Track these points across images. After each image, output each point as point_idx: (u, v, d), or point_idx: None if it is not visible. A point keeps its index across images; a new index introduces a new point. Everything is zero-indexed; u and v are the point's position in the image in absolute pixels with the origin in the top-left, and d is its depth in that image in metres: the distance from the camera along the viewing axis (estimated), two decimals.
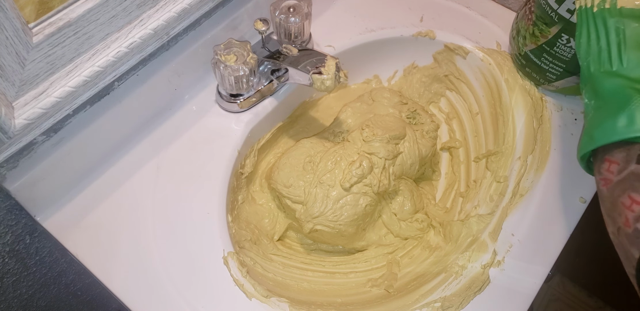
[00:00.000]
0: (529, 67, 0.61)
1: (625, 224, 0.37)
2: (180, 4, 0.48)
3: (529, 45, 0.58)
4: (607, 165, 0.40)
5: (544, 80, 0.60)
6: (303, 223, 0.57)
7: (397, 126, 0.61)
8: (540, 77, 0.60)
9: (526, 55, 0.60)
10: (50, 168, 0.49)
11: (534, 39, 0.57)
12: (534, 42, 0.57)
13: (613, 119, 0.39)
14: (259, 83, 0.58)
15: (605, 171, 0.40)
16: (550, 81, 0.60)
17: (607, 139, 0.39)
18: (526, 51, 0.59)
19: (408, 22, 0.68)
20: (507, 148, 0.60)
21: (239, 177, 0.59)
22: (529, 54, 0.59)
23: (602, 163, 0.41)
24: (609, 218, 0.40)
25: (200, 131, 0.57)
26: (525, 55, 0.60)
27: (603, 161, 0.41)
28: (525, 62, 0.61)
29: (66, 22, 0.40)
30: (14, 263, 0.59)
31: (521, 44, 0.60)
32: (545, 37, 0.55)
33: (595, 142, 0.41)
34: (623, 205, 0.37)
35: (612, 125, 0.39)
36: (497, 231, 0.54)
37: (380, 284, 0.55)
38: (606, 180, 0.40)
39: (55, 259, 0.65)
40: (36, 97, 0.42)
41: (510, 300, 0.51)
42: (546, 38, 0.55)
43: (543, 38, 0.56)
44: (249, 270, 0.51)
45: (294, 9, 0.56)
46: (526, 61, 0.60)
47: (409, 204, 0.61)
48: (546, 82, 0.61)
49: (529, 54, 0.59)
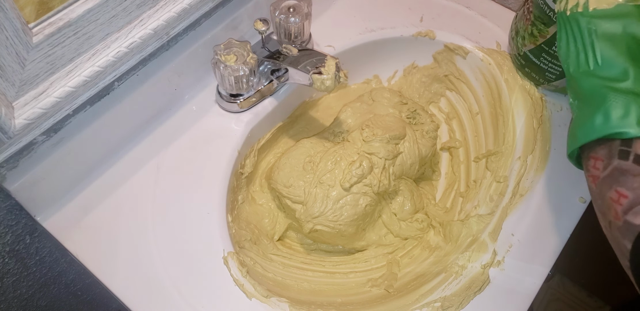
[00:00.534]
0: (528, 67, 0.61)
1: (615, 217, 0.38)
2: (180, 4, 0.48)
3: (527, 45, 0.58)
4: (593, 162, 0.42)
5: (543, 80, 0.60)
6: (303, 223, 0.57)
7: (397, 126, 0.61)
8: (540, 77, 0.60)
9: (525, 55, 0.60)
10: (50, 168, 0.49)
11: (533, 39, 0.57)
12: (533, 42, 0.57)
13: (591, 117, 0.41)
14: (259, 83, 0.58)
15: (592, 168, 0.42)
16: (549, 81, 0.60)
17: (588, 137, 0.41)
18: (525, 51, 0.59)
19: (408, 22, 0.68)
20: (507, 148, 0.60)
21: (239, 177, 0.59)
22: (528, 54, 0.59)
23: (588, 160, 0.42)
24: (601, 213, 0.41)
25: (200, 131, 0.57)
26: (525, 55, 0.60)
27: (589, 159, 0.42)
28: (525, 62, 0.61)
29: (66, 22, 0.40)
30: (14, 263, 0.59)
31: (520, 44, 0.60)
32: (544, 37, 0.55)
33: (578, 141, 0.42)
34: (611, 200, 0.38)
35: (591, 124, 0.41)
36: (497, 231, 0.54)
37: (380, 284, 0.55)
38: (594, 177, 0.41)
39: (55, 259, 0.65)
40: (36, 97, 0.42)
41: (510, 300, 0.51)
42: (545, 38, 0.55)
43: (542, 38, 0.56)
44: (249, 270, 0.51)
45: (294, 9, 0.56)
46: (525, 61, 0.60)
47: (409, 204, 0.61)
48: (546, 82, 0.61)
49: (528, 54, 0.59)
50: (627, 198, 0.37)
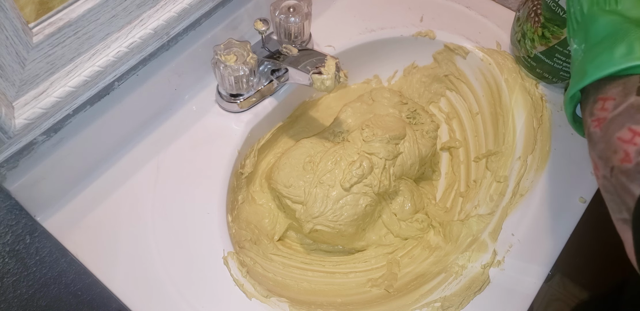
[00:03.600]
0: (540, 68, 0.61)
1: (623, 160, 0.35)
2: (180, 4, 0.48)
3: (538, 47, 0.58)
4: (601, 104, 0.38)
5: (557, 79, 0.61)
6: (303, 223, 0.57)
7: (397, 126, 0.61)
8: (553, 77, 0.60)
9: (536, 57, 0.60)
10: (50, 168, 0.49)
11: (545, 41, 0.57)
12: (545, 43, 0.57)
13: (610, 51, 0.38)
14: (259, 83, 0.58)
15: (599, 110, 0.38)
16: (564, 79, 0.60)
17: (602, 71, 0.38)
18: (536, 53, 0.59)
19: (408, 22, 0.68)
20: (507, 148, 0.60)
21: (239, 177, 0.59)
22: (539, 56, 0.59)
23: (594, 103, 0.39)
24: (601, 160, 0.38)
25: (200, 131, 0.57)
26: (536, 57, 0.60)
27: (595, 101, 0.39)
28: (536, 63, 0.60)
29: (66, 22, 0.40)
30: (14, 263, 0.59)
31: (529, 46, 0.60)
32: (557, 38, 0.55)
33: (589, 77, 0.39)
34: (621, 140, 0.35)
35: (609, 56, 0.38)
36: (497, 231, 0.54)
37: (380, 284, 0.55)
38: (599, 120, 0.38)
39: (56, 259, 0.65)
40: (36, 97, 0.42)
41: (510, 300, 0.51)
42: (558, 39, 0.55)
43: (555, 39, 0.56)
44: (249, 270, 0.51)
45: (294, 9, 0.56)
46: (537, 63, 0.60)
47: (409, 204, 0.61)
48: (559, 81, 0.61)
49: (539, 55, 0.59)
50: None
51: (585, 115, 0.41)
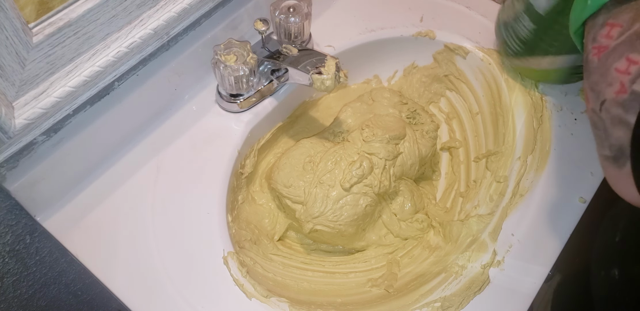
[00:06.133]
0: (526, 52, 0.58)
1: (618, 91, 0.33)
2: (180, 4, 0.48)
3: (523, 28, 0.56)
4: (608, 30, 0.36)
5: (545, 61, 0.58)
6: (303, 223, 0.57)
7: (397, 126, 0.61)
8: (541, 61, 0.58)
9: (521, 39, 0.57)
10: (50, 168, 0.49)
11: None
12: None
13: None
14: (259, 83, 0.58)
15: (603, 37, 0.36)
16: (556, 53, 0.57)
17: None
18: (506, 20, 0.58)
19: (408, 22, 0.68)
20: (507, 148, 0.60)
21: (239, 177, 0.59)
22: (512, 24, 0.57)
23: (601, 28, 0.37)
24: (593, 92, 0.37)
25: (200, 131, 0.57)
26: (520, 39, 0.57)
27: (603, 26, 0.37)
28: (523, 47, 0.58)
29: (66, 22, 0.40)
30: (14, 263, 0.59)
31: (512, 32, 0.58)
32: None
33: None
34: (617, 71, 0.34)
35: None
36: (497, 231, 0.54)
37: (380, 284, 0.55)
38: (600, 48, 0.36)
39: (56, 259, 0.65)
40: (36, 97, 0.42)
41: (510, 300, 0.51)
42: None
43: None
44: (249, 270, 0.51)
45: (294, 9, 0.56)
46: (524, 45, 0.57)
47: (409, 204, 0.61)
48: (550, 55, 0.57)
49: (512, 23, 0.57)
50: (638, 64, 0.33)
51: (588, 39, 0.38)
